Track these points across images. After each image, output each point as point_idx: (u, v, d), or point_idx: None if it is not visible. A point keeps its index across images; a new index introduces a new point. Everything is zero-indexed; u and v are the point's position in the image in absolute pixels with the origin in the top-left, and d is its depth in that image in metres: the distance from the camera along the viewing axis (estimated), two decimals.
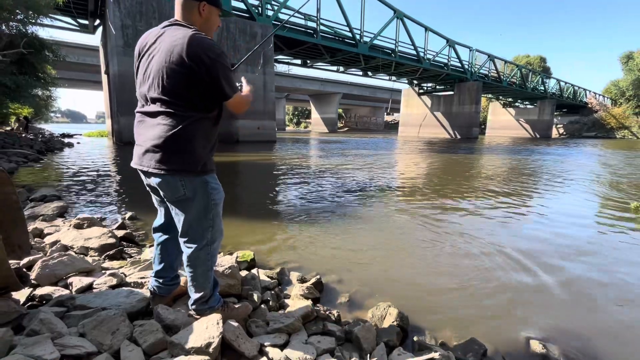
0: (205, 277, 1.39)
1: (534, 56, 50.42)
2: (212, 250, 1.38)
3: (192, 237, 1.35)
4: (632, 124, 41.62)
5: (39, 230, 2.65)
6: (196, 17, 1.30)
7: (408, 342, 1.59)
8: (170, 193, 1.29)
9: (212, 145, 1.35)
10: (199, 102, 1.25)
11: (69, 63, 26.60)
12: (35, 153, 9.27)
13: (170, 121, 1.22)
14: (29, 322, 1.28)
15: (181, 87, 1.21)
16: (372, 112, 67.42)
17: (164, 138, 1.22)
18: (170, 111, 1.23)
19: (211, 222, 1.35)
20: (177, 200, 1.30)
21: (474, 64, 30.89)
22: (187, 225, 1.33)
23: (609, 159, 12.16)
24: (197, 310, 1.44)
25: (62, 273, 1.73)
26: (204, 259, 1.37)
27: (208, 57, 1.18)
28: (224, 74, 1.22)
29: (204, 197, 1.31)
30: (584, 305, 1.96)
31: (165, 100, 1.23)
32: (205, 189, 1.30)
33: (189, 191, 1.28)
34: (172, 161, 1.23)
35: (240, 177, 6.96)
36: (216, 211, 1.36)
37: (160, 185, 1.28)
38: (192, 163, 1.26)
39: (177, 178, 1.25)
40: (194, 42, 1.18)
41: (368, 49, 22.17)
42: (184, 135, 1.23)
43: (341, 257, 2.57)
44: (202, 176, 1.29)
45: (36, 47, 11.29)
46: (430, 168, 8.58)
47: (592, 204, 4.77)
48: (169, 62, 1.19)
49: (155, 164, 1.24)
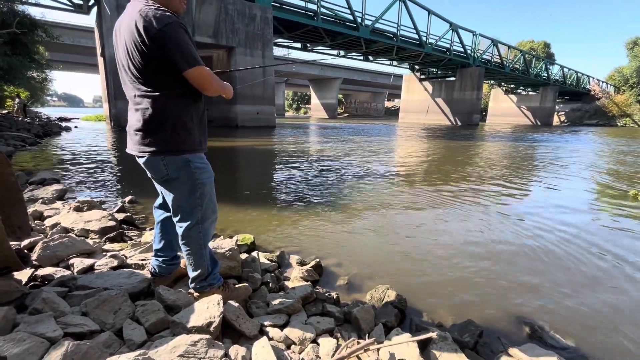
0: (200, 254, 1.42)
1: (538, 41, 49.47)
2: (203, 228, 1.39)
3: (182, 216, 1.37)
4: (634, 111, 41.31)
5: (39, 212, 2.65)
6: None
7: (406, 323, 1.62)
8: (155, 173, 1.32)
9: (196, 124, 1.31)
10: (165, 80, 1.21)
11: (64, 45, 26.05)
12: (33, 137, 9.19)
13: (145, 103, 1.23)
14: (31, 302, 1.30)
15: (145, 67, 1.19)
16: (373, 98, 66.71)
17: (141, 121, 1.23)
18: (142, 93, 1.23)
19: (199, 200, 1.35)
20: (163, 181, 1.33)
21: (477, 49, 30.33)
22: (176, 204, 1.36)
23: (610, 147, 12.12)
24: (197, 289, 1.47)
25: (63, 254, 1.74)
26: (196, 237, 1.39)
27: (155, 28, 1.13)
28: (175, 45, 1.15)
29: (189, 177, 1.31)
30: (580, 288, 1.99)
31: (136, 82, 1.23)
32: (189, 168, 1.30)
33: (172, 171, 1.29)
34: (152, 143, 1.25)
35: (240, 162, 6.93)
36: (203, 191, 1.35)
37: (146, 166, 1.32)
38: (171, 142, 1.26)
39: (158, 158, 1.27)
40: (142, 16, 1.13)
41: (369, 33, 21.69)
42: (160, 116, 1.23)
43: (340, 241, 2.59)
44: (183, 155, 1.28)
45: (28, 26, 11.01)
46: (430, 154, 8.56)
47: (591, 191, 4.78)
48: (130, 42, 1.17)
49: (138, 147, 1.27)
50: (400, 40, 24.12)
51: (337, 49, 25.93)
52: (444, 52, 27.88)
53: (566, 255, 2.45)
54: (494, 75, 36.25)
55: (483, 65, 30.92)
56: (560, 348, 1.48)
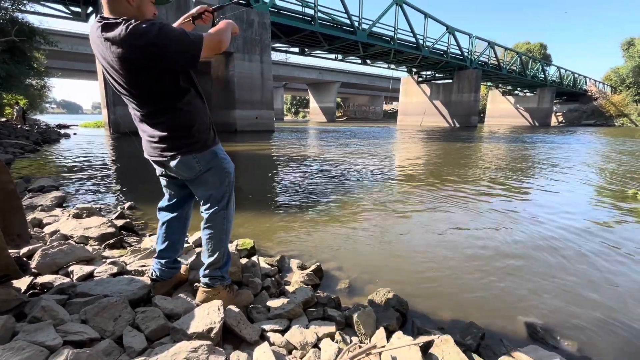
0: (220, 240, 1.46)
1: (535, 43, 49.87)
2: (227, 214, 1.46)
3: (212, 203, 1.43)
4: (631, 111, 41.53)
5: (38, 220, 2.64)
6: (126, 8, 1.18)
7: (407, 327, 1.61)
8: (189, 172, 1.37)
9: (210, 120, 1.42)
10: (173, 90, 1.25)
11: (63, 52, 26.11)
12: (32, 144, 9.19)
13: (165, 117, 1.28)
14: (30, 310, 1.29)
15: (152, 85, 1.20)
16: (371, 101, 66.92)
17: (166, 131, 1.29)
18: (157, 108, 1.26)
19: (227, 187, 1.45)
20: (196, 177, 1.39)
21: (474, 52, 30.53)
22: (207, 194, 1.42)
23: (608, 147, 12.16)
24: (207, 281, 1.47)
25: (63, 262, 1.73)
26: (220, 221, 1.44)
27: (149, 42, 1.10)
28: (171, 43, 1.13)
29: (218, 167, 1.40)
30: (582, 289, 1.98)
31: (150, 101, 1.25)
32: (216, 158, 1.40)
33: (202, 165, 1.36)
34: (183, 145, 1.32)
35: (239, 167, 6.94)
36: (230, 179, 1.45)
37: (178, 167, 1.35)
38: (197, 142, 1.34)
39: (190, 157, 1.33)
40: (128, 39, 1.09)
41: (366, 36, 21.84)
42: (185, 124, 1.30)
43: (341, 244, 2.58)
44: (210, 148, 1.38)
45: (26, 34, 11.06)
46: (429, 157, 8.57)
47: (591, 191, 4.79)
48: (128, 73, 1.17)
49: (167, 152, 1.33)
50: (398, 43, 24.27)
51: (334, 53, 26.09)
52: (441, 55, 28.05)
53: (568, 255, 2.45)
54: (491, 77, 36.47)
55: (480, 67, 31.11)
56: (562, 349, 1.47)
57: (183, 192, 1.54)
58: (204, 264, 1.48)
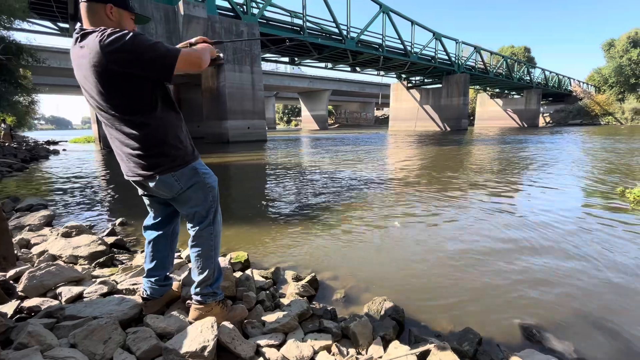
0: (209, 257, 1.43)
1: (519, 47, 51.03)
2: (214, 230, 1.44)
3: (197, 220, 1.41)
4: (615, 110, 42.57)
5: (26, 240, 2.58)
6: (105, 22, 1.19)
7: (404, 335, 1.59)
8: (169, 191, 1.34)
9: (186, 134, 1.39)
10: (145, 102, 1.21)
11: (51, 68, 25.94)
12: (20, 162, 9.03)
13: (138, 133, 1.23)
14: (17, 336, 1.25)
15: (123, 95, 1.18)
16: (362, 108, 67.49)
17: (139, 147, 1.25)
18: (131, 122, 1.22)
19: (212, 203, 1.42)
20: (177, 195, 1.36)
21: (461, 56, 31.14)
22: (192, 211, 1.40)
23: (594, 146, 12.41)
24: (199, 299, 1.44)
25: (51, 283, 1.69)
26: (207, 238, 1.42)
27: (122, 47, 1.09)
28: (146, 50, 1.12)
29: (200, 182, 1.37)
30: (578, 291, 2.00)
31: (121, 114, 1.21)
32: (197, 174, 1.37)
33: (183, 183, 1.33)
34: (158, 164, 1.28)
35: (232, 178, 6.90)
36: (214, 193, 1.42)
37: (158, 187, 1.32)
38: (174, 159, 1.31)
39: (169, 175, 1.30)
40: (101, 48, 1.09)
41: (355, 45, 22.14)
42: (157, 137, 1.26)
43: (336, 254, 2.57)
44: (189, 164, 1.34)
45: (13, 52, 10.97)
46: (422, 161, 8.64)
47: (581, 190, 4.86)
48: (100, 82, 1.15)
49: (145, 172, 1.29)
50: (386, 50, 24.65)
51: (324, 61, 26.36)
52: (429, 61, 28.54)
53: (564, 257, 2.47)
54: (479, 81, 37.16)
55: (468, 71, 31.70)
56: (559, 352, 1.47)
57: (167, 209, 1.52)
58: (195, 282, 1.46)
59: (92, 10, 1.19)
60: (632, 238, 2.80)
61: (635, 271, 2.21)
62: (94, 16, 1.19)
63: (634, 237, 2.82)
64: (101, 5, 1.19)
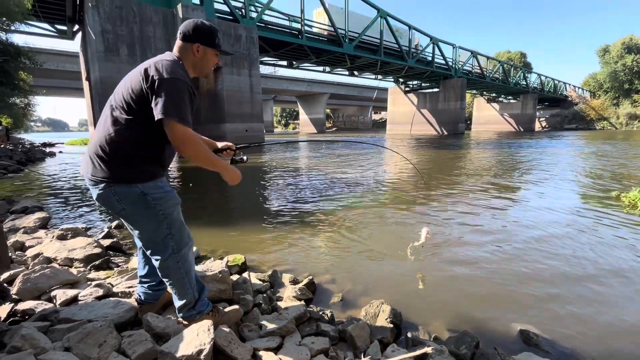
0: (182, 284, 1.36)
1: (515, 52, 51.54)
2: (180, 257, 1.34)
3: (154, 249, 1.32)
4: (610, 114, 42.98)
5: (20, 243, 2.56)
6: (190, 57, 1.32)
7: (402, 339, 1.59)
8: (109, 206, 1.27)
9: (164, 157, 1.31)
10: (142, 110, 1.20)
11: (48, 70, 25.91)
12: (15, 164, 8.97)
13: (109, 126, 1.21)
14: (10, 339, 1.23)
15: (135, 97, 1.20)
16: (360, 111, 67.77)
17: (111, 143, 1.20)
18: (112, 115, 1.22)
19: (168, 231, 1.30)
20: (120, 215, 1.28)
21: (458, 61, 31.40)
22: (144, 239, 1.32)
23: (591, 150, 12.51)
24: (185, 317, 1.41)
25: (45, 286, 1.67)
26: (175, 267, 1.34)
27: (159, 74, 1.17)
28: (167, 94, 1.15)
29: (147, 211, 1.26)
30: (575, 294, 2.00)
31: (112, 105, 1.23)
32: (145, 202, 1.24)
33: (126, 205, 1.24)
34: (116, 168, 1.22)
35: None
36: (170, 220, 1.30)
37: (98, 198, 1.26)
38: (141, 172, 1.24)
39: (109, 190, 1.22)
40: (158, 62, 1.20)
41: (353, 49, 22.27)
42: (129, 142, 1.21)
43: (334, 257, 2.56)
44: (148, 181, 1.24)
45: (11, 54, 10.94)
46: (420, 164, 8.67)
47: (577, 194, 4.90)
48: (139, 72, 1.21)
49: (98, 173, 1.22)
50: (384, 54, 24.80)
51: (322, 65, 26.49)
52: (427, 65, 28.73)
53: (560, 260, 2.48)
54: (476, 85, 37.44)
55: (465, 76, 31.94)
56: (556, 355, 1.47)
57: None
58: (176, 305, 1.41)
59: (182, 48, 1.31)
60: (627, 241, 2.82)
61: (629, 274, 2.22)
62: (181, 51, 1.32)
63: (629, 241, 2.83)
64: (189, 44, 1.31)
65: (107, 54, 12.97)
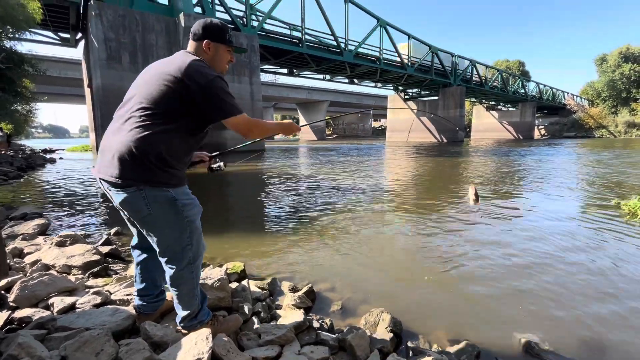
0: (192, 295, 1.35)
1: (513, 60, 52.07)
2: (195, 267, 1.33)
3: (171, 258, 1.29)
4: (609, 123, 43.22)
5: (19, 249, 2.55)
6: (202, 55, 1.32)
7: (402, 348, 1.57)
8: (133, 212, 1.22)
9: (187, 161, 1.32)
10: (179, 117, 1.19)
11: (51, 77, 26.08)
12: (15, 170, 8.98)
13: (140, 127, 1.15)
14: (6, 347, 1.22)
15: (165, 99, 1.17)
16: (360, 119, 68.07)
17: (135, 144, 1.13)
18: (143, 116, 1.16)
19: (189, 240, 1.28)
20: (143, 219, 1.22)
21: (457, 69, 31.70)
22: (164, 246, 1.28)
23: (590, 159, 12.55)
24: (186, 327, 1.40)
25: (43, 293, 1.66)
26: (188, 278, 1.32)
27: (203, 77, 1.18)
28: (218, 95, 1.20)
29: (175, 217, 1.23)
30: (577, 303, 1.99)
31: (143, 106, 1.17)
32: (175, 207, 1.22)
33: (155, 209, 1.20)
34: (141, 172, 1.16)
35: (229, 188, 6.88)
36: (192, 227, 1.29)
37: (123, 204, 1.20)
38: (168, 175, 1.21)
39: (138, 193, 1.16)
40: (192, 65, 1.19)
41: (353, 57, 22.50)
42: (155, 146, 1.15)
43: (333, 265, 2.55)
44: (168, 190, 1.21)
45: (15, 61, 11.06)
46: (419, 172, 8.68)
47: (577, 202, 4.90)
48: (164, 73, 1.19)
49: (120, 176, 1.15)
50: (383, 63, 25.04)
51: (323, 73, 26.73)
52: (426, 73, 29.00)
53: (562, 271, 2.46)
54: (475, 93, 37.74)
55: (464, 84, 32.21)
56: None
57: None
58: (178, 315, 1.40)
59: (194, 46, 1.32)
60: (627, 250, 2.81)
61: (632, 284, 2.20)
62: (193, 49, 1.33)
63: (630, 249, 2.82)
64: (199, 43, 1.31)
65: (110, 61, 13.10)
